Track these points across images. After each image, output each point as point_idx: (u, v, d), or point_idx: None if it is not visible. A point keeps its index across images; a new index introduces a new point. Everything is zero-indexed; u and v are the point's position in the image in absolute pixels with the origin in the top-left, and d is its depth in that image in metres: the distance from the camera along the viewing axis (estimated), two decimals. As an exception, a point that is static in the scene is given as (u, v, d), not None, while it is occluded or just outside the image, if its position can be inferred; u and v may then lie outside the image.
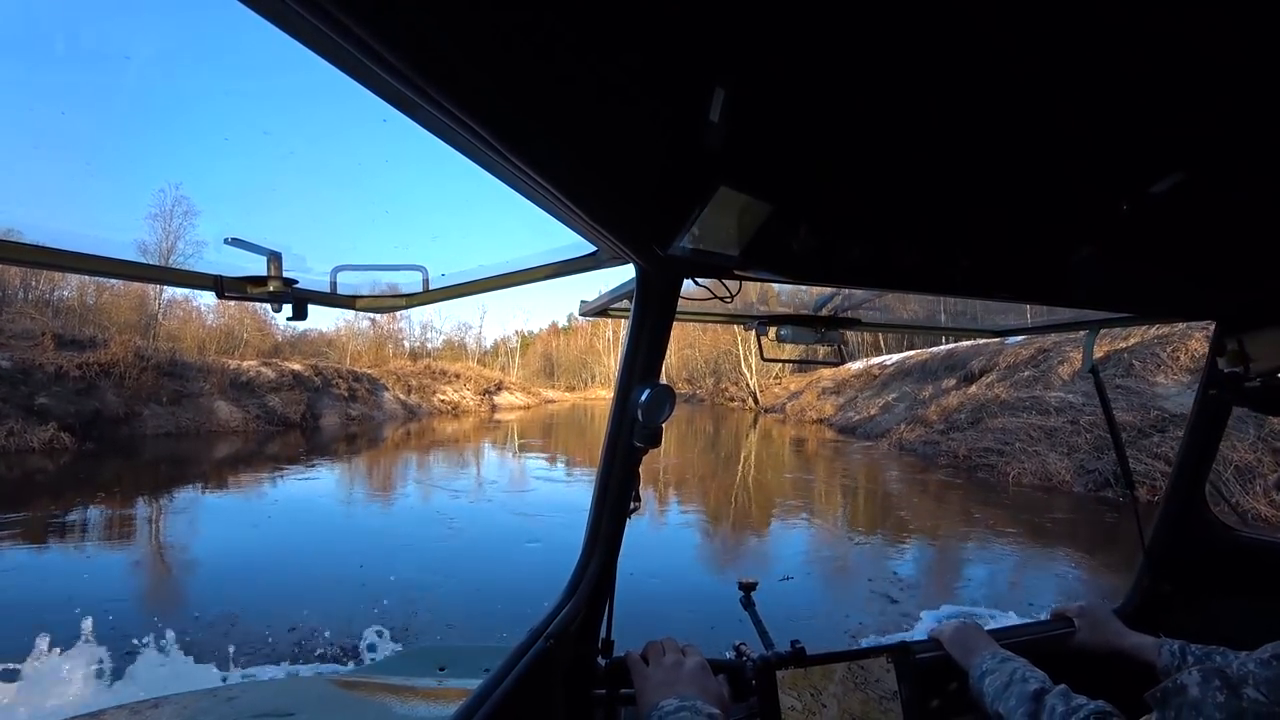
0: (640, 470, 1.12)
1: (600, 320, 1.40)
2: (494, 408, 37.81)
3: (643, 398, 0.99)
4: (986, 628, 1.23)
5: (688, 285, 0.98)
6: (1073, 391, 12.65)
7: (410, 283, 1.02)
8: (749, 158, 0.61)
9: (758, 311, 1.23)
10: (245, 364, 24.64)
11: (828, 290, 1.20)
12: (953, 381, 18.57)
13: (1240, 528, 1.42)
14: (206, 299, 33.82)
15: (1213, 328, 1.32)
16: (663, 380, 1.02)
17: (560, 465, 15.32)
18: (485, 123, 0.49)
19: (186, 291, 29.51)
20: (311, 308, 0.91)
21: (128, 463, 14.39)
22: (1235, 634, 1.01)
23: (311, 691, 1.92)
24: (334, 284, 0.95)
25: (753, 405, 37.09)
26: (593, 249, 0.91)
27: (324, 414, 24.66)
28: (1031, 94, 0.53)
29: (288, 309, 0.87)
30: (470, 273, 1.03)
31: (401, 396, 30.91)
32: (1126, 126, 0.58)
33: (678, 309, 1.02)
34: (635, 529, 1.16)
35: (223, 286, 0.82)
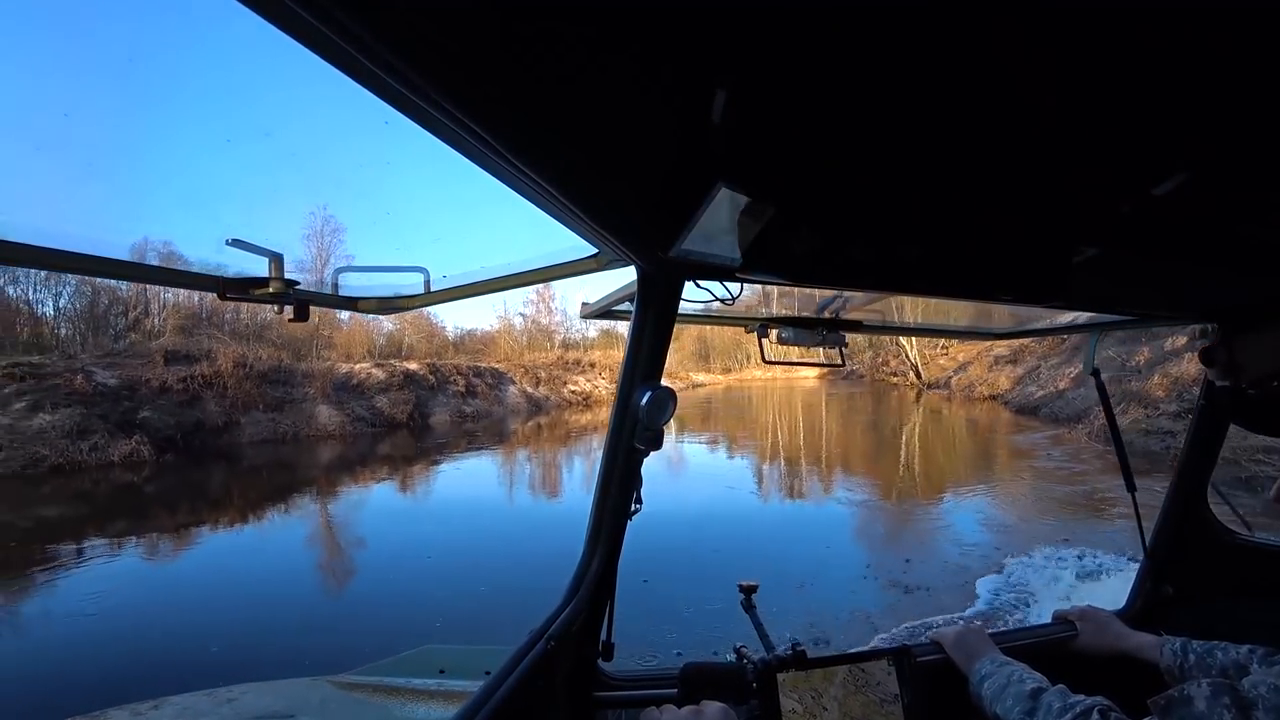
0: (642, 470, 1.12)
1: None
2: (631, 394, 36.54)
3: (644, 400, 0.99)
4: (989, 631, 1.23)
5: (689, 287, 0.98)
6: None
7: (412, 284, 1.02)
8: (751, 160, 0.61)
9: (759, 313, 1.23)
10: (357, 367, 24.37)
11: (829, 292, 1.20)
12: (1183, 340, 12.72)
13: (1241, 531, 1.42)
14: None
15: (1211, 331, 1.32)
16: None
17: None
18: (487, 124, 0.49)
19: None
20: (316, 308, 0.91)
21: (193, 476, 14.39)
22: (1236, 637, 1.01)
23: (311, 693, 1.92)
24: (335, 285, 0.96)
25: (915, 380, 33.02)
26: (594, 251, 0.92)
27: (434, 412, 23.86)
28: (1035, 96, 0.53)
29: (289, 310, 0.88)
30: (472, 274, 1.03)
31: (528, 389, 29.91)
32: (1130, 128, 0.58)
33: (679, 310, 1.02)
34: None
35: (225, 288, 0.82)
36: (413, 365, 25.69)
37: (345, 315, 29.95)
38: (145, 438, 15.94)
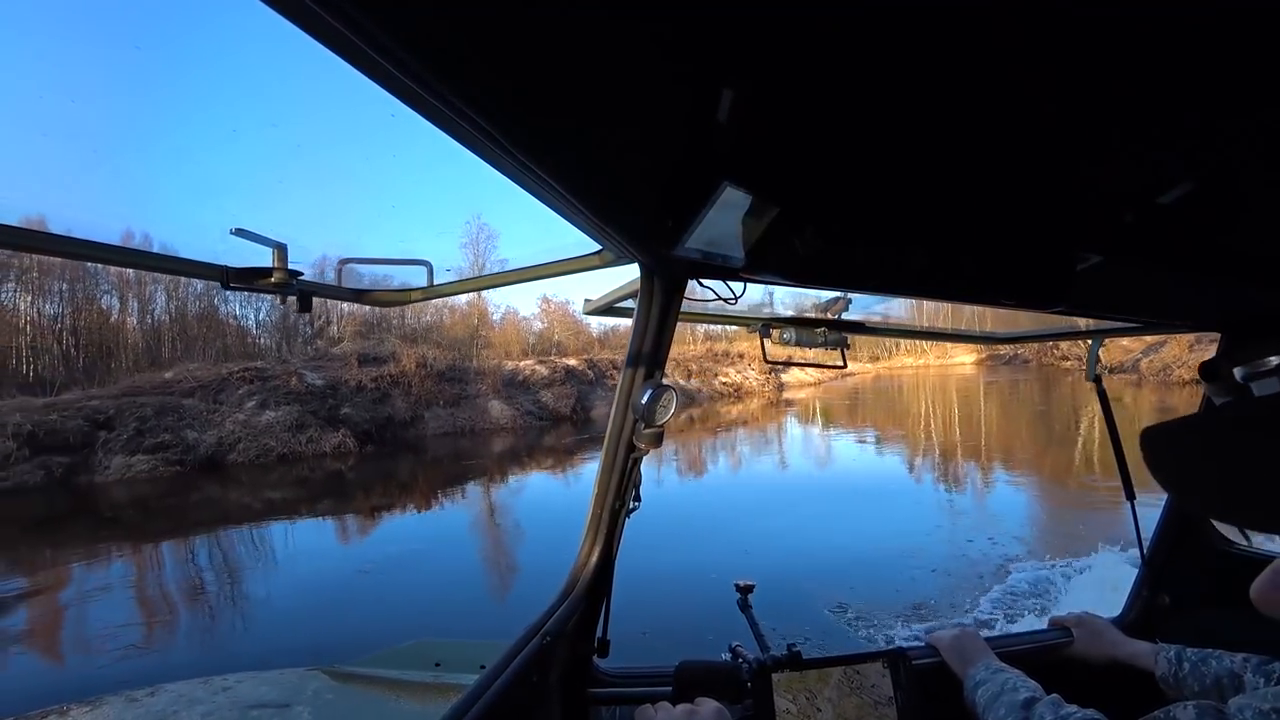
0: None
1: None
2: (781, 386, 36.18)
3: (644, 398, 1.00)
4: (985, 635, 1.23)
5: (692, 285, 0.98)
6: None
7: (415, 277, 1.02)
8: (756, 160, 0.61)
9: (761, 313, 1.23)
10: (522, 364, 25.68)
11: (831, 292, 1.20)
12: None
13: (1239, 541, 1.42)
14: (527, 308, 36.47)
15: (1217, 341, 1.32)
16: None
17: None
18: (493, 120, 0.49)
19: (506, 308, 33.92)
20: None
21: (388, 465, 16.21)
22: (1231, 647, 1.01)
23: (306, 684, 1.92)
24: (339, 276, 0.96)
25: (1092, 365, 30.61)
26: (598, 248, 0.92)
27: (595, 405, 24.81)
28: (1042, 102, 0.53)
29: (293, 300, 0.88)
30: (476, 269, 1.03)
31: (680, 381, 29.44)
32: (1135, 136, 0.58)
33: (682, 309, 1.02)
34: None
35: (229, 277, 0.83)
36: (571, 361, 26.79)
37: (498, 315, 33.03)
38: (349, 431, 18.32)
